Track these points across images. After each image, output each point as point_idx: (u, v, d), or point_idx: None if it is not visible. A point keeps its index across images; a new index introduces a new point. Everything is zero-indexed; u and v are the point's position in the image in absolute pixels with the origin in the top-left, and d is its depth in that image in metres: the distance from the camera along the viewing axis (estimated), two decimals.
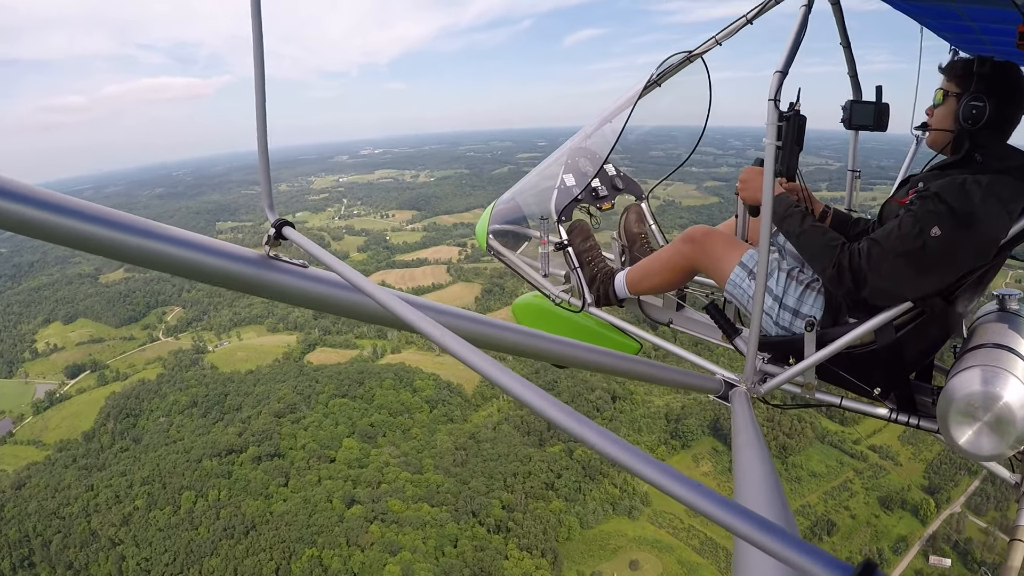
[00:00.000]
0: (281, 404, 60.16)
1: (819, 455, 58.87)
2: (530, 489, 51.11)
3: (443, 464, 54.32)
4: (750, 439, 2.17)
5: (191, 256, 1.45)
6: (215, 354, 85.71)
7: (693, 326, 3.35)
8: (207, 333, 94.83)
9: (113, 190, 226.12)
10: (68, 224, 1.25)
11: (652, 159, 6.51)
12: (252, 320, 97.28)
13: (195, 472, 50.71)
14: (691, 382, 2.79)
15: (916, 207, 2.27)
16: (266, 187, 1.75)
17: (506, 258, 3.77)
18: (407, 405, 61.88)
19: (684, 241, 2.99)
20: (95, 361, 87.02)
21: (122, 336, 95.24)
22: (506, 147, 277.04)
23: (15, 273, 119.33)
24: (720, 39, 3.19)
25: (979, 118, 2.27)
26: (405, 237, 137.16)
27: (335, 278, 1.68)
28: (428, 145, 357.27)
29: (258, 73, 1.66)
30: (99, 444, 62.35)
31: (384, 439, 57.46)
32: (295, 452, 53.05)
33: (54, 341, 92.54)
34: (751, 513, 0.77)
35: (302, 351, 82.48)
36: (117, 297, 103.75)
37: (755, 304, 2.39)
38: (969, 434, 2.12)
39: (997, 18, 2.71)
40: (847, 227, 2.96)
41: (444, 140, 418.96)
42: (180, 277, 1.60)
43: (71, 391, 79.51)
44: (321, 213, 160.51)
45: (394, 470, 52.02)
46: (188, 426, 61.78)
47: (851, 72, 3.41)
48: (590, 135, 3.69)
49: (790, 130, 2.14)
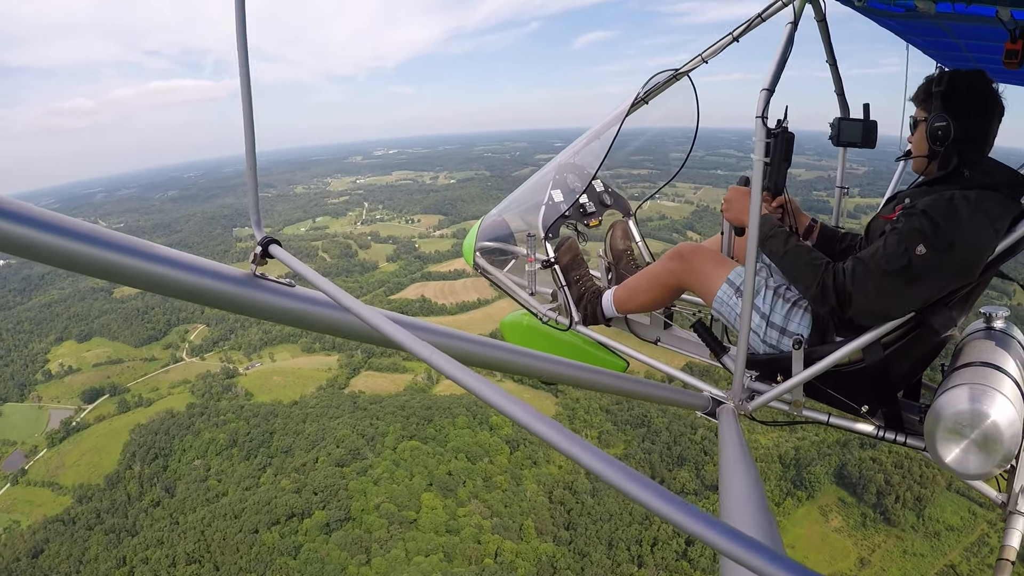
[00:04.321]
0: (341, 449, 50.96)
1: (952, 505, 52.00)
2: (661, 560, 42.21)
3: (546, 527, 45.18)
4: (737, 456, 2.14)
5: (175, 275, 1.44)
6: (247, 378, 78.22)
7: (680, 344, 3.34)
8: (235, 353, 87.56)
9: (125, 193, 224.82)
10: (56, 243, 1.21)
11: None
12: (284, 339, 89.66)
13: (253, 548, 41.23)
14: (679, 399, 2.77)
15: (901, 224, 2.25)
16: (254, 203, 1.73)
17: (493, 276, 3.72)
18: (486, 447, 52.88)
19: (672, 258, 2.97)
20: (114, 384, 79.99)
21: (142, 357, 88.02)
22: (523, 148, 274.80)
23: (25, 287, 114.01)
24: (706, 57, 3.16)
25: (946, 137, 2.28)
26: (435, 245, 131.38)
27: (321, 297, 1.67)
28: (442, 146, 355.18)
29: (245, 90, 1.67)
30: (125, 493, 53.59)
31: (464, 489, 48.38)
32: (369, 516, 43.57)
33: (69, 362, 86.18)
34: (736, 531, 0.76)
35: (347, 376, 74.22)
36: (134, 314, 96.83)
37: (742, 322, 2.40)
38: (956, 452, 2.11)
39: (983, 35, 2.74)
40: (834, 242, 3.00)
41: (457, 141, 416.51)
42: (168, 296, 1.50)
43: (89, 419, 72.14)
44: (342, 218, 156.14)
45: (493, 538, 42.74)
46: (230, 473, 52.83)
47: (838, 90, 3.41)
48: (578, 151, 3.67)
49: (778, 147, 2.17)
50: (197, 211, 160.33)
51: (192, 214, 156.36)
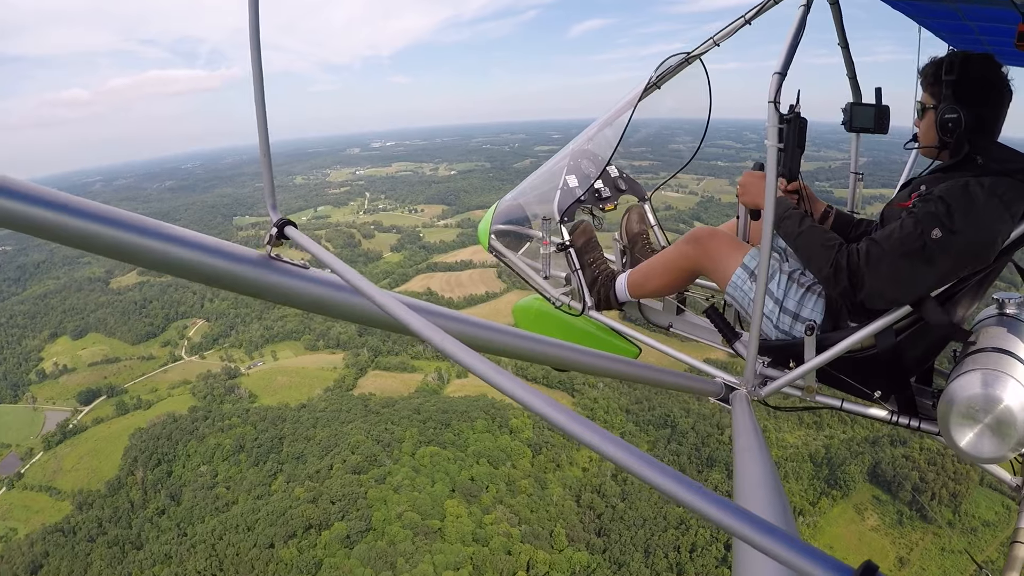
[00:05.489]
0: (357, 456, 48.31)
1: (986, 501, 50.61)
2: (702, 568, 40.09)
3: (577, 533, 42.83)
4: (751, 442, 2.16)
5: (192, 256, 1.43)
6: (250, 378, 75.52)
7: (693, 330, 3.30)
8: (236, 351, 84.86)
9: (122, 183, 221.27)
10: (70, 223, 1.25)
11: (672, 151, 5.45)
12: (287, 335, 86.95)
13: (269, 565, 38.49)
14: (691, 385, 2.75)
15: (918, 209, 2.23)
16: (268, 185, 1.73)
17: (507, 259, 3.70)
18: (507, 451, 50.44)
19: (687, 242, 2.91)
20: (111, 385, 77.12)
21: (140, 355, 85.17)
22: (521, 139, 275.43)
23: (20, 276, 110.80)
24: (718, 40, 3.12)
25: (956, 128, 2.24)
26: (440, 235, 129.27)
27: (336, 280, 1.65)
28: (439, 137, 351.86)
29: (256, 73, 1.67)
30: (128, 501, 50.90)
31: (488, 495, 45.98)
32: (392, 526, 40.93)
33: (63, 361, 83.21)
34: (751, 515, 0.77)
35: (354, 376, 71.46)
36: (132, 307, 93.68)
37: (755, 307, 2.38)
38: (970, 436, 2.10)
39: (996, 17, 2.73)
40: (849, 229, 2.97)
41: (455, 133, 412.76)
42: (181, 277, 1.49)
43: (86, 421, 69.39)
44: (344, 207, 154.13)
45: (524, 548, 40.27)
46: (238, 480, 50.17)
47: (850, 74, 3.37)
48: (592, 137, 3.65)
49: (791, 132, 2.15)
50: (196, 200, 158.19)
51: (191, 203, 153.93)
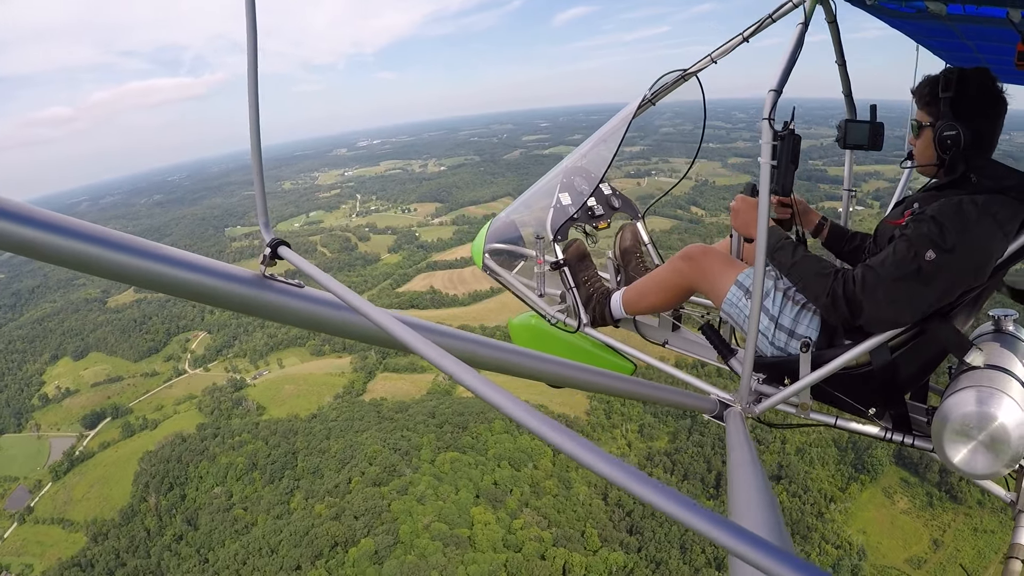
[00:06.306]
0: (375, 467, 47.09)
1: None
2: None
3: (609, 533, 41.88)
4: (745, 458, 2.16)
5: (186, 276, 1.46)
6: (256, 388, 73.99)
7: (688, 346, 3.34)
8: (241, 361, 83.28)
9: (109, 200, 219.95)
10: (63, 244, 1.27)
11: None
12: (291, 342, 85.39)
13: None
14: (686, 402, 2.77)
15: (911, 230, 2.23)
16: (262, 205, 1.75)
17: (502, 278, 3.71)
18: (528, 452, 49.33)
19: (682, 259, 2.94)
20: (116, 405, 75.54)
21: (143, 372, 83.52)
22: (509, 130, 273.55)
23: (15, 302, 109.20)
24: (715, 57, 3.10)
25: (956, 145, 2.25)
26: (436, 233, 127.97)
27: (331, 298, 1.68)
28: (426, 132, 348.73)
29: (251, 86, 1.67)
30: (144, 528, 49.64)
31: (513, 499, 44.92)
32: (420, 538, 39.81)
33: (66, 383, 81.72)
34: (746, 531, 0.77)
35: (363, 380, 70.09)
36: (131, 325, 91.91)
37: (750, 324, 2.38)
38: (964, 453, 2.11)
39: (994, 37, 2.72)
40: (843, 242, 3.03)
41: (441, 127, 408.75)
42: (179, 297, 1.53)
43: (93, 447, 67.87)
44: (336, 211, 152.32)
45: (559, 552, 39.26)
46: (255, 500, 48.90)
47: (846, 91, 3.38)
48: (585, 154, 3.64)
49: (785, 149, 2.15)
50: (186, 214, 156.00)
51: (181, 217, 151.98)
